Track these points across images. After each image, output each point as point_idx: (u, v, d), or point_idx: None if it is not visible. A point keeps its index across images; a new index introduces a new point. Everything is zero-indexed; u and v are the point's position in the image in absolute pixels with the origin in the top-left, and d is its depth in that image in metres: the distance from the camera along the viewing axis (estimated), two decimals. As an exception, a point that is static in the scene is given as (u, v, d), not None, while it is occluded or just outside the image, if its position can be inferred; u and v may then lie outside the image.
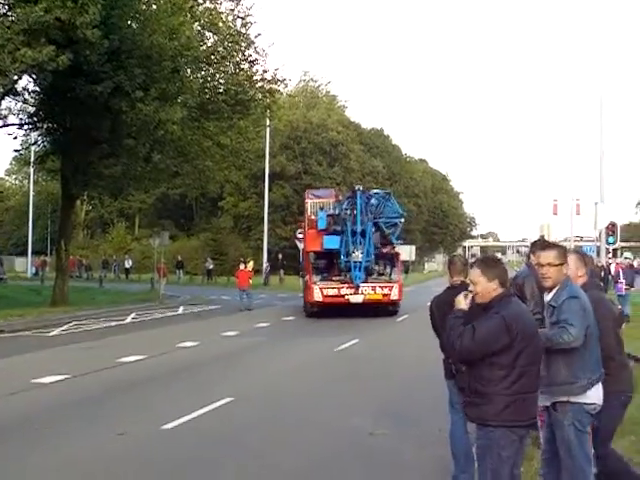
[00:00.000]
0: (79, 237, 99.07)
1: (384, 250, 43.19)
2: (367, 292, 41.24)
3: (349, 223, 40.86)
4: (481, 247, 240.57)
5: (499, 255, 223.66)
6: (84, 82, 41.57)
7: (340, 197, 47.51)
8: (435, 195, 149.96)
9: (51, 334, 36.82)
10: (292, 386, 22.88)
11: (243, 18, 55.97)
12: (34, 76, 44.80)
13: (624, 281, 39.40)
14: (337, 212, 42.56)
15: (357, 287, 40.82)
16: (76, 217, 62.04)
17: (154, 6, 47.80)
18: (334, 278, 42.34)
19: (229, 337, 34.94)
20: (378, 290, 41.60)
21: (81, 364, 26.27)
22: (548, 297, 9.13)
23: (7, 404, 19.77)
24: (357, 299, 40.94)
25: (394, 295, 41.72)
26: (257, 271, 75.39)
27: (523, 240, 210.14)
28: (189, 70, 51.75)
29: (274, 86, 57.30)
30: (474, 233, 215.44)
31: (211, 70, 56.00)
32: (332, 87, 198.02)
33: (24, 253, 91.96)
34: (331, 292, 41.30)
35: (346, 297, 41.17)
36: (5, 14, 37.03)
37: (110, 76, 41.70)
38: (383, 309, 42.67)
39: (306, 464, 14.03)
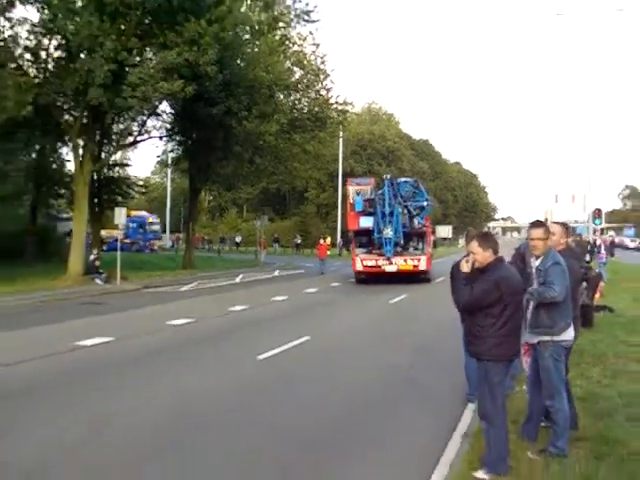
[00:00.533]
0: (203, 219, 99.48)
1: (414, 228, 40.61)
2: (399, 263, 39.05)
3: (379, 206, 38.85)
4: (502, 227, 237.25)
5: (515, 234, 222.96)
6: (204, 106, 42.16)
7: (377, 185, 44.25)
8: (467, 189, 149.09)
9: (182, 289, 37.39)
10: (355, 328, 23.16)
11: (322, 57, 56.70)
12: (169, 102, 45.26)
13: (605, 252, 42.20)
14: (372, 197, 40.25)
15: (389, 259, 38.78)
16: (200, 205, 62.60)
17: (256, 49, 48.14)
18: (373, 252, 40.04)
19: (310, 293, 35.24)
20: (409, 261, 39.34)
21: (203, 311, 26.74)
22: (537, 263, 9.27)
23: (147, 339, 20.33)
24: (391, 269, 39.01)
25: (422, 265, 39.37)
26: (333, 245, 75.71)
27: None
28: (281, 95, 52.38)
29: (344, 107, 57.65)
30: (496, 216, 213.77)
31: (298, 95, 56.37)
32: (390, 107, 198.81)
33: (164, 231, 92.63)
34: (369, 263, 39.47)
35: (382, 267, 39.09)
36: (150, 58, 37.38)
37: (223, 101, 42.29)
38: (417, 277, 40.18)
39: (362, 381, 14.42)
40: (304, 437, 10.44)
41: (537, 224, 9.60)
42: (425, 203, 40.73)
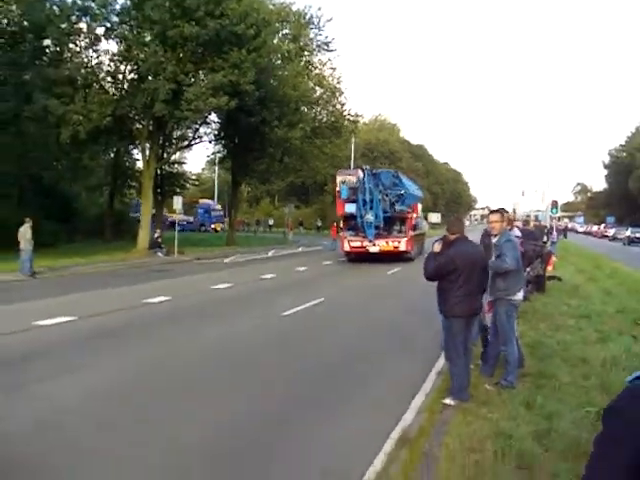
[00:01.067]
0: (242, 207, 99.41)
1: (395, 213, 36.66)
2: (381, 244, 35.63)
3: (360, 194, 34.64)
4: (481, 215, 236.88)
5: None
6: (244, 116, 42.26)
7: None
8: (454, 184, 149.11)
9: (225, 261, 37.69)
10: (361, 291, 23.54)
11: (337, 79, 57.18)
12: (217, 113, 45.43)
13: (556, 234, 43.63)
14: (356, 186, 35.76)
15: (371, 241, 35.42)
16: (240, 195, 62.89)
17: (285, 72, 48.34)
18: (359, 234, 36.03)
19: (325, 265, 35.52)
20: (390, 243, 35.83)
21: (240, 278, 27.11)
22: (494, 240, 9.62)
23: (196, 298, 20.76)
24: (374, 249, 35.60)
25: (402, 247, 35.94)
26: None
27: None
28: (305, 108, 52.37)
29: (355, 118, 57.94)
30: (477, 206, 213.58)
31: (318, 109, 56.55)
32: (393, 118, 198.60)
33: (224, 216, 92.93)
34: (355, 244, 35.89)
35: (366, 247, 35.60)
36: (202, 79, 37.60)
37: (259, 113, 42.44)
38: (401, 257, 36.57)
39: (363, 330, 14.80)
40: (317, 368, 10.86)
41: (494, 211, 9.94)
42: (403, 191, 36.99)
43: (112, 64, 39.12)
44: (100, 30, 36.77)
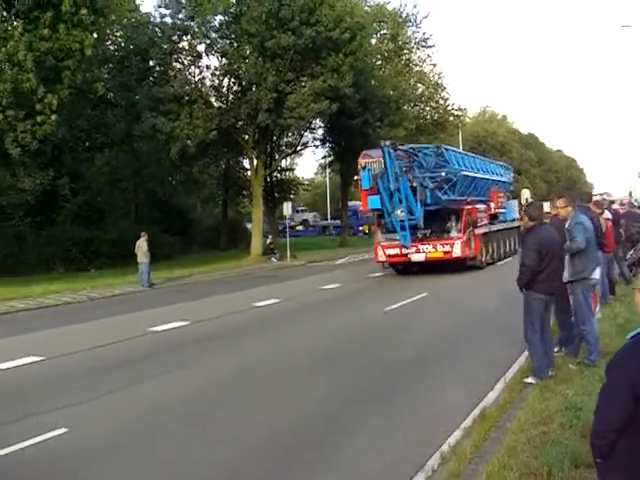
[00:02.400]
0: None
1: (444, 205, 26.54)
2: (428, 250, 26.21)
3: (380, 182, 25.27)
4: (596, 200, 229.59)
5: (615, 205, 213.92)
6: (346, 119, 42.91)
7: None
8: (568, 171, 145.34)
9: (335, 263, 38.34)
10: (460, 286, 23.81)
11: (438, 74, 57.05)
12: (319, 118, 46.26)
13: None
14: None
15: (408, 246, 25.78)
16: (351, 196, 63.52)
17: (385, 72, 48.76)
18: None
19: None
20: (439, 247, 26.18)
21: (348, 279, 27.79)
22: (566, 225, 9.86)
23: (304, 299, 21.55)
24: (419, 257, 26.26)
25: (456, 252, 26.05)
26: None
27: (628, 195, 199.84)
28: (406, 107, 52.54)
29: (459, 112, 57.84)
30: (594, 192, 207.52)
31: (422, 106, 56.76)
32: (502, 108, 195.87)
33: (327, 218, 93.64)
34: (393, 251, 26.52)
35: (408, 255, 26.24)
36: (302, 86, 38.40)
37: (360, 114, 42.96)
38: (460, 265, 27.09)
39: (465, 322, 15.18)
40: (415, 358, 11.33)
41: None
42: (452, 174, 26.55)
43: (215, 79, 40.61)
44: (201, 47, 38.40)
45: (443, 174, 25.77)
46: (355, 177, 29.74)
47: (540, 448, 6.03)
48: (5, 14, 25.76)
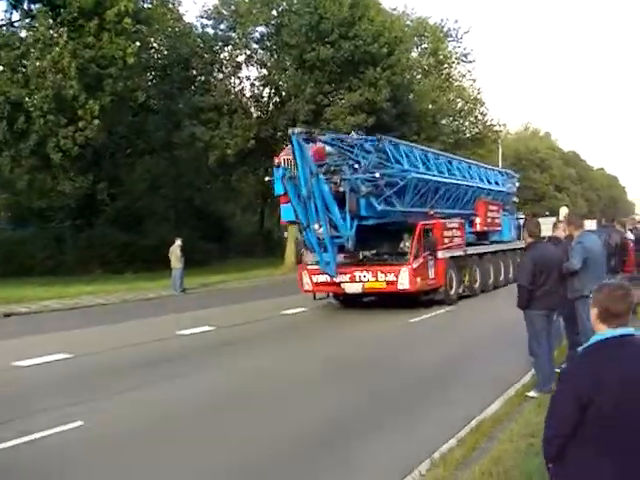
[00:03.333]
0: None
1: (393, 220, 20.00)
2: (366, 279, 19.35)
3: (289, 184, 18.64)
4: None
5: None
6: (383, 133, 43.06)
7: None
8: (610, 190, 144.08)
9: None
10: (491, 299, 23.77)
11: (478, 90, 57.01)
12: (355, 131, 46.43)
13: None
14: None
15: (330, 275, 19.21)
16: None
17: (422, 87, 48.92)
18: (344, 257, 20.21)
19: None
20: (380, 276, 19.22)
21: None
22: (573, 244, 10.13)
23: (326, 308, 21.80)
24: (354, 288, 19.57)
25: (402, 283, 18.94)
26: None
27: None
28: (444, 121, 52.71)
29: (498, 128, 57.89)
30: (637, 210, 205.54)
31: (461, 121, 56.82)
32: (545, 125, 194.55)
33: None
34: (322, 278, 19.86)
35: (342, 285, 19.67)
36: (340, 99, 38.79)
37: (397, 128, 43.06)
38: (415, 300, 20.19)
39: (488, 333, 15.34)
40: (425, 372, 11.57)
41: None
42: (400, 178, 19.58)
43: (254, 89, 41.29)
44: (241, 58, 39.01)
45: (377, 175, 18.67)
46: (266, 178, 22.86)
47: (523, 458, 6.26)
48: (52, 22, 26.47)
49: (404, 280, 18.96)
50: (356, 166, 19.21)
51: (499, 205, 27.81)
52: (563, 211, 43.54)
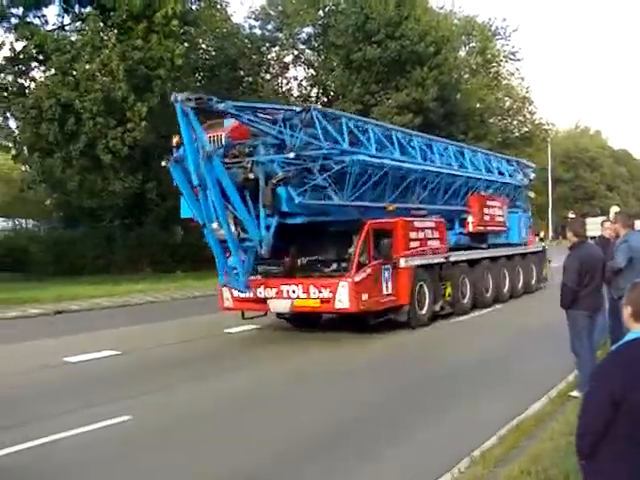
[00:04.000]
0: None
1: (335, 219, 15.25)
2: (296, 294, 14.72)
3: (174, 169, 14.26)
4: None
5: None
6: (430, 132, 42.97)
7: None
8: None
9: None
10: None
11: (526, 88, 56.61)
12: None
13: None
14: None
15: (239, 290, 14.79)
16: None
17: (470, 86, 48.72)
18: (262, 268, 15.72)
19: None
20: (312, 291, 14.46)
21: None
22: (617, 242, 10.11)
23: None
24: (282, 306, 15.07)
25: (340, 301, 14.09)
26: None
27: None
28: (492, 120, 52.39)
29: (546, 127, 57.34)
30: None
31: (509, 119, 56.46)
32: (595, 123, 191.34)
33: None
34: (242, 294, 15.02)
35: (268, 302, 15.11)
36: (388, 98, 38.81)
37: (445, 128, 43.03)
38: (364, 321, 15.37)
39: (534, 332, 15.24)
40: (469, 371, 11.57)
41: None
42: (332, 163, 14.62)
43: (302, 89, 41.53)
44: (288, 58, 39.25)
45: (291, 155, 13.66)
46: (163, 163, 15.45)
47: (563, 457, 6.24)
48: (101, 25, 26.94)
49: (343, 297, 14.12)
50: (278, 147, 14.31)
51: (503, 200, 22.61)
52: (613, 210, 41.91)
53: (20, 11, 26.68)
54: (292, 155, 13.67)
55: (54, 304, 22.38)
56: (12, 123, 28.11)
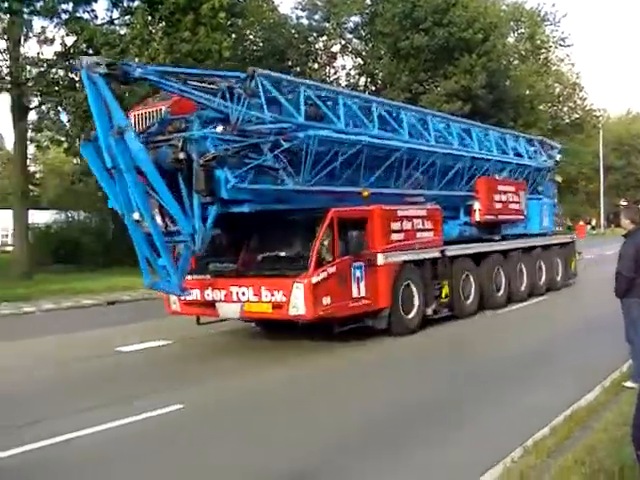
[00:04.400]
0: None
1: (295, 208, 12.52)
2: (246, 297, 12.03)
3: (85, 149, 11.63)
4: None
5: None
6: (479, 120, 42.46)
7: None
8: None
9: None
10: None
11: (577, 74, 55.92)
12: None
13: None
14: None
15: (174, 293, 12.41)
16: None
17: (519, 72, 48.14)
18: (212, 266, 13.10)
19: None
20: (264, 294, 11.77)
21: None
22: None
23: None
24: (231, 311, 12.39)
25: (295, 306, 11.42)
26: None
27: None
28: (542, 107, 51.72)
29: (598, 113, 56.56)
30: None
31: (559, 106, 55.71)
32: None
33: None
34: (194, 294, 12.66)
35: (216, 306, 12.50)
36: (436, 86, 38.60)
37: (493, 115, 42.58)
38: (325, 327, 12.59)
39: (578, 324, 15.00)
40: (522, 361, 11.49)
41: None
42: (282, 140, 11.85)
43: (350, 79, 41.45)
44: (336, 48, 39.19)
45: (219, 129, 11.33)
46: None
47: (618, 448, 6.15)
48: (150, 18, 27.13)
49: (298, 301, 11.58)
50: (220, 121, 11.65)
51: (520, 184, 19.48)
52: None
53: (70, 6, 26.92)
54: (219, 130, 11.31)
55: (106, 294, 22.75)
56: (64, 117, 28.48)
